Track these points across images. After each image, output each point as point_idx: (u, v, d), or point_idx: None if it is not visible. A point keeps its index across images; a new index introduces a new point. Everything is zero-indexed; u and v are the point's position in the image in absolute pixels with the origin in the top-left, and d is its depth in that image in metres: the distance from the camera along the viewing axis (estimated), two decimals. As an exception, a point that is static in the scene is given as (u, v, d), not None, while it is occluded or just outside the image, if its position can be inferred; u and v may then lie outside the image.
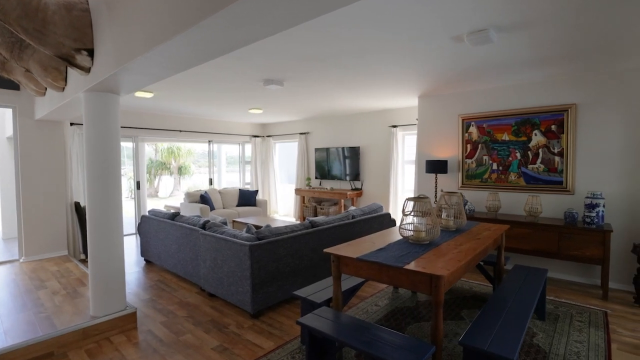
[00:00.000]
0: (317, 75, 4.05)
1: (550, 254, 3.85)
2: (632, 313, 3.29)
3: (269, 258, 3.29)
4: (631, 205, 3.77)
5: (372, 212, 4.95)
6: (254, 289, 3.15)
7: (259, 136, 9.04)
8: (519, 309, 2.30)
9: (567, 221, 3.86)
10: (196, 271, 3.93)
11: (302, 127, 8.28)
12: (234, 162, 9.83)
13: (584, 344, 2.71)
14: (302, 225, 3.86)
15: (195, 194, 7.17)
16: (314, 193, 7.48)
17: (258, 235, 3.36)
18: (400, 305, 3.45)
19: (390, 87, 4.73)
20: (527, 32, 2.73)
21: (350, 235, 4.32)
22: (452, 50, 3.16)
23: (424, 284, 2.01)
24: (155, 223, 4.68)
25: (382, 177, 6.89)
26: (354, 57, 3.36)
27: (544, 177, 4.29)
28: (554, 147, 4.21)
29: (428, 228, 2.62)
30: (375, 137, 6.96)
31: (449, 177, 5.12)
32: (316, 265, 3.81)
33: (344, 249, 2.48)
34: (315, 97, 5.40)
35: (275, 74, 3.98)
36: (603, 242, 3.54)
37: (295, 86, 4.63)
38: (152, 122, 7.02)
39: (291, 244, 3.53)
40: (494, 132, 4.68)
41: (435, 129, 5.23)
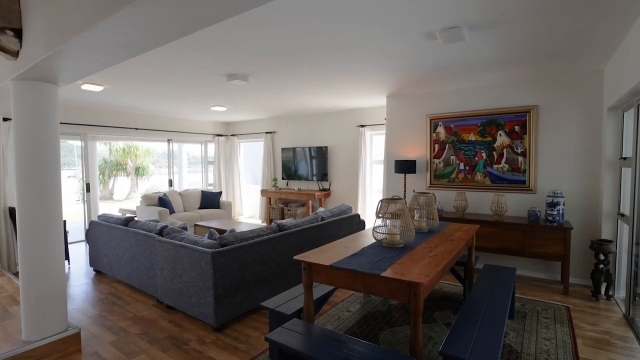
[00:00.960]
0: (284, 71, 3.85)
1: (515, 251, 3.92)
2: (591, 307, 3.41)
3: (234, 266, 3.05)
4: (587, 203, 3.93)
5: (341, 214, 4.82)
6: (217, 299, 2.90)
7: (222, 135, 8.66)
8: (494, 313, 2.25)
9: (530, 220, 3.95)
10: (153, 282, 3.59)
11: (268, 126, 8.02)
12: (196, 163, 9.35)
13: (552, 341, 2.74)
14: (268, 229, 3.64)
15: (153, 197, 6.69)
16: (280, 194, 7.26)
17: (221, 242, 3.11)
18: (372, 310, 3.34)
19: (359, 86, 4.63)
20: (497, 31, 2.71)
21: (320, 238, 4.16)
22: (424, 48, 3.10)
23: (401, 292, 1.88)
24: (106, 229, 4.25)
25: (350, 177, 6.81)
26: (324, 52, 3.21)
27: (509, 177, 4.39)
28: (517, 147, 4.31)
29: (402, 230, 2.52)
30: (343, 137, 6.87)
31: (417, 177, 5.12)
32: (285, 271, 3.61)
33: (316, 256, 2.31)
34: (283, 94, 5.19)
35: (239, 68, 3.73)
36: (564, 240, 3.65)
37: (261, 82, 4.39)
38: (104, 118, 6.45)
39: (257, 250, 3.30)
40: (460, 133, 4.73)
41: (404, 129, 5.21)
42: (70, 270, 4.63)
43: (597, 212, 3.85)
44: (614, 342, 2.77)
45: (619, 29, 2.71)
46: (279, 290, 3.55)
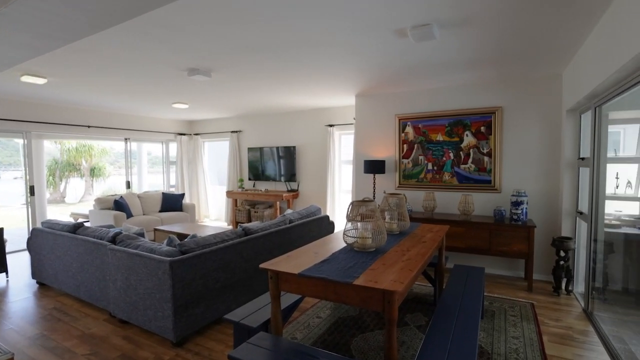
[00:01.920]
0: (250, 67, 3.65)
1: (482, 250, 3.98)
2: (553, 302, 3.52)
3: (195, 274, 2.82)
4: (548, 202, 4.07)
5: (310, 215, 4.69)
6: (176, 312, 2.66)
7: (185, 134, 8.24)
8: (467, 316, 2.21)
9: (496, 219, 4.02)
10: (104, 294, 3.26)
11: (234, 125, 7.73)
12: (157, 163, 8.84)
13: (520, 340, 2.76)
14: (233, 233, 3.43)
15: (107, 200, 6.20)
16: (247, 195, 7.00)
17: (181, 249, 2.87)
18: (343, 315, 3.23)
19: (328, 84, 4.52)
20: (467, 31, 2.69)
21: (288, 241, 4.00)
22: (394, 46, 3.03)
23: (375, 301, 1.78)
24: (50, 237, 3.83)
25: (319, 178, 6.69)
26: (293, 48, 3.06)
27: (475, 177, 4.46)
28: (483, 147, 4.39)
29: (374, 234, 2.42)
30: (311, 137, 6.74)
31: (386, 177, 5.09)
32: (251, 278, 3.42)
33: (284, 263, 2.15)
34: (249, 92, 4.97)
35: (201, 62, 3.49)
36: (528, 238, 3.75)
37: (226, 79, 4.16)
38: (52, 115, 5.89)
39: (221, 256, 3.09)
40: (429, 133, 4.75)
41: (373, 129, 5.17)
42: (8, 284, 4.14)
43: (558, 210, 3.99)
44: (577, 337, 2.85)
45: (578, 36, 2.80)
46: (246, 298, 3.36)
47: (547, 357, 2.52)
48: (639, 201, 4.13)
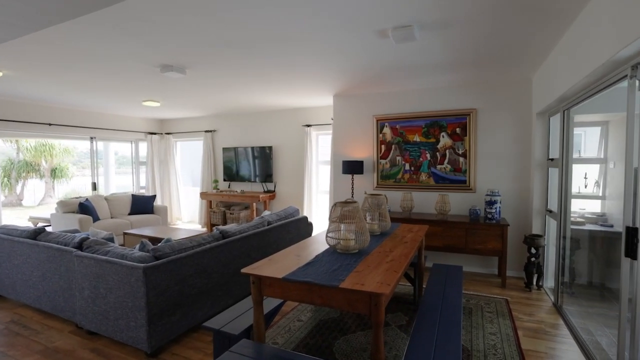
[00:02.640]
0: (227, 64, 3.54)
1: (459, 249, 4.07)
2: (526, 298, 3.65)
3: (171, 280, 2.69)
4: (520, 201, 4.22)
5: (288, 217, 4.62)
6: (150, 321, 2.52)
7: (156, 133, 7.92)
8: (449, 315, 2.24)
9: (471, 218, 4.13)
10: (70, 304, 3.05)
11: (208, 124, 7.51)
12: (125, 163, 8.44)
13: (497, 336, 2.84)
14: (210, 236, 3.31)
15: (71, 203, 5.84)
16: (222, 197, 6.82)
17: (155, 254, 2.72)
18: (324, 318, 3.19)
19: (306, 84, 4.47)
20: (447, 33, 2.73)
21: (267, 244, 3.92)
22: (375, 46, 3.03)
23: (362, 304, 1.75)
24: (7, 244, 3.54)
25: (296, 178, 6.63)
26: (271, 45, 2.98)
27: (451, 177, 4.56)
28: (458, 148, 4.50)
29: (357, 235, 2.40)
30: (288, 137, 6.67)
31: (364, 178, 5.11)
32: (229, 282, 3.32)
33: (266, 267, 2.09)
34: (224, 90, 4.83)
35: (176, 58, 3.34)
36: (502, 236, 3.87)
37: (201, 76, 4.01)
38: (6, 111, 5.47)
39: (198, 261, 2.97)
40: (406, 134, 4.81)
41: (351, 129, 5.18)
42: (-42, 296, 3.79)
43: (528, 209, 4.15)
44: (548, 330, 2.97)
45: (549, 42, 2.91)
46: (224, 303, 3.25)
47: (523, 352, 2.60)
48: (600, 200, 4.38)
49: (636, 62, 1.90)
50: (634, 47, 1.75)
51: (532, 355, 2.58)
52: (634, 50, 1.78)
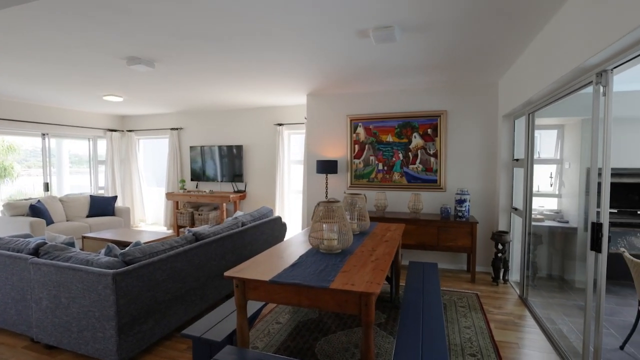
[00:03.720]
0: (200, 58, 3.39)
1: (431, 246, 4.19)
2: (494, 292, 3.83)
3: (143, 286, 2.52)
4: (488, 199, 4.43)
5: (262, 217, 4.53)
6: (121, 331, 2.35)
7: (117, 130, 7.46)
8: (432, 313, 2.29)
9: (442, 216, 4.27)
10: (24, 317, 2.77)
11: (174, 121, 7.19)
12: (80, 162, 7.87)
13: (472, 329, 2.95)
14: (183, 239, 3.16)
15: (20, 205, 5.34)
16: (190, 197, 6.56)
17: (125, 258, 2.55)
18: (303, 319, 3.15)
19: (280, 82, 4.40)
20: (425, 35, 2.79)
21: (242, 245, 3.81)
22: (354, 46, 3.03)
23: (351, 304, 1.74)
24: (-54, 252, 3.15)
25: (267, 178, 6.52)
26: (249, 40, 2.89)
27: (422, 177, 4.69)
28: (429, 149, 4.64)
29: (340, 235, 2.39)
30: (259, 136, 6.54)
31: (338, 178, 5.12)
32: (203, 286, 3.18)
33: (250, 270, 2.01)
34: (194, 86, 4.64)
35: (145, 50, 3.14)
36: (471, 233, 4.04)
37: (171, 70, 3.82)
38: (-58, 104, 4.89)
39: (171, 265, 2.81)
40: (379, 134, 4.88)
41: (324, 129, 5.17)
42: None
43: (495, 207, 4.37)
44: (517, 321, 3.13)
45: (518, 47, 3.07)
46: (198, 307, 3.11)
47: (497, 343, 2.72)
48: (557, 197, 4.69)
49: (601, 69, 2.04)
50: (602, 55, 1.88)
51: (504, 346, 2.70)
52: (601, 58, 1.92)
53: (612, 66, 1.97)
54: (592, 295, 2.20)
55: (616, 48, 1.78)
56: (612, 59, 1.91)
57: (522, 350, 2.63)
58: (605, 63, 1.98)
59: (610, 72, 2.01)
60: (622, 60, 1.88)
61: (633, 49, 1.76)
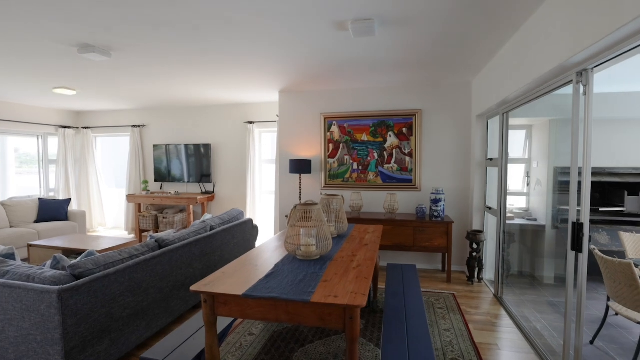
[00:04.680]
0: (163, 48, 3.10)
1: (407, 247, 4.13)
2: (469, 291, 3.83)
3: (96, 303, 2.23)
4: (462, 199, 4.44)
5: (232, 220, 4.28)
6: (69, 356, 2.05)
7: (70, 127, 6.86)
8: (415, 319, 2.18)
9: (418, 216, 4.23)
10: (-49, 342, 2.38)
11: (136, 118, 6.72)
12: (27, 162, 7.17)
13: (452, 332, 2.89)
14: (144, 246, 2.87)
15: (-46, 210, 4.73)
16: (153, 199, 6.14)
17: (74, 271, 2.24)
18: (278, 329, 2.96)
19: (250, 77, 4.17)
20: (404, 30, 2.69)
21: (211, 250, 3.55)
22: (330, 39, 2.88)
23: (335, 317, 1.58)
24: None
25: (237, 179, 6.24)
26: (217, 29, 2.66)
27: (398, 176, 4.63)
28: (405, 148, 4.58)
29: (318, 240, 2.23)
30: (229, 134, 6.24)
31: (312, 177, 4.96)
32: (168, 297, 2.91)
33: (220, 283, 1.80)
34: (157, 79, 4.29)
35: (100, 37, 2.82)
36: (447, 232, 4.02)
37: (130, 61, 3.49)
38: None
39: (130, 276, 2.53)
40: (354, 132, 4.77)
41: (298, 127, 4.99)
42: None
43: (469, 206, 4.38)
44: (494, 321, 3.12)
45: (492, 49, 3.05)
46: (162, 322, 2.83)
47: (477, 346, 2.67)
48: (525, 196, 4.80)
49: (582, 68, 2.01)
50: (586, 53, 1.85)
51: (484, 348, 2.66)
52: (585, 56, 1.88)
53: (593, 65, 1.95)
54: (573, 295, 2.18)
55: (601, 46, 1.74)
56: (594, 58, 1.88)
57: (502, 352, 2.60)
58: (587, 62, 1.95)
59: (591, 71, 1.99)
60: (604, 59, 1.85)
61: (616, 47, 1.73)
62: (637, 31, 1.56)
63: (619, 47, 1.71)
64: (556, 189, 4.12)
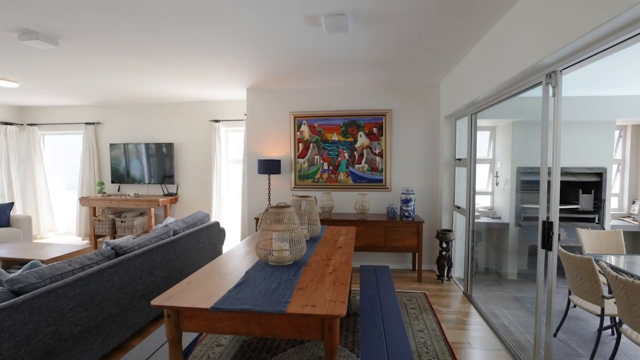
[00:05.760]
0: (120, 37, 2.85)
1: (379, 247, 4.12)
2: (440, 290, 3.88)
3: (41, 321, 1.98)
4: (431, 198, 4.50)
5: (198, 224, 4.05)
6: (6, 383, 1.79)
7: (12, 124, 6.23)
8: (392, 322, 2.13)
9: (389, 216, 4.23)
10: None
11: (90, 115, 6.23)
12: (-36, 162, 6.43)
13: (425, 332, 2.89)
14: (99, 254, 2.61)
15: None
16: (110, 202, 5.72)
17: (13, 287, 1.97)
18: (247, 339, 2.81)
19: (217, 72, 3.97)
20: (377, 27, 2.64)
21: (175, 257, 3.33)
22: (302, 34, 2.77)
23: (313, 328, 1.48)
24: None
25: (202, 180, 5.96)
26: (181, 18, 2.47)
27: (368, 176, 4.61)
28: (375, 148, 4.57)
29: (292, 245, 2.12)
30: (193, 133, 5.95)
31: (281, 178, 4.83)
32: (126, 310, 2.67)
33: (185, 295, 1.64)
34: (114, 72, 3.97)
35: (45, 21, 2.52)
36: (417, 232, 4.04)
37: (82, 50, 3.18)
38: None
39: (82, 289, 2.28)
40: (324, 132, 4.70)
41: (266, 126, 4.83)
42: None
43: (438, 205, 4.45)
44: (465, 319, 3.16)
45: (462, 49, 3.09)
46: (119, 337, 2.59)
47: (451, 345, 2.68)
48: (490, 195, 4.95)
49: (551, 70, 2.06)
50: (555, 56, 1.88)
51: (458, 347, 2.67)
52: (554, 58, 1.92)
53: (562, 67, 1.99)
54: (544, 291, 2.23)
55: (570, 49, 1.77)
56: (564, 60, 1.92)
57: (475, 351, 2.62)
58: (556, 64, 1.99)
59: (560, 73, 2.03)
60: (573, 61, 1.89)
61: (584, 50, 1.77)
62: (605, 35, 1.60)
63: (587, 50, 1.75)
64: (519, 188, 4.28)
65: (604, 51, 1.71)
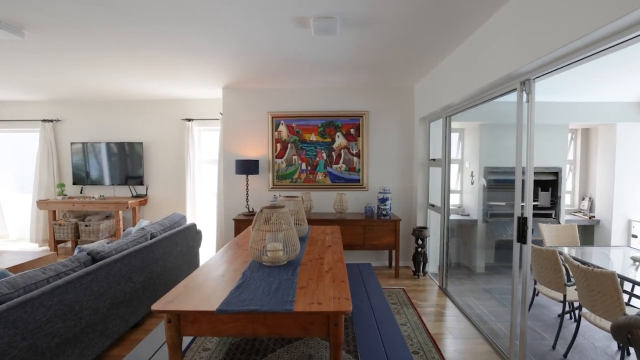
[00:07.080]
0: (91, 30, 2.70)
1: (358, 246, 4.21)
2: (417, 285, 4.04)
3: (15, 335, 1.84)
4: (407, 197, 4.67)
5: (175, 226, 3.93)
6: (-20, 403, 1.66)
7: (-44, 120, 5.66)
8: (384, 318, 2.21)
9: (367, 215, 4.34)
10: None
11: (48, 111, 5.80)
12: None
13: (408, 325, 3.00)
14: (74, 261, 2.47)
15: None
16: (73, 205, 5.36)
17: (-15, 299, 1.82)
18: (234, 340, 2.78)
19: (191, 70, 3.86)
20: (365, 31, 2.71)
21: (153, 261, 3.20)
22: (287, 35, 2.78)
23: (319, 326, 1.51)
24: None
25: (175, 180, 5.76)
26: (159, 13, 2.39)
27: (346, 176, 4.70)
28: (352, 148, 4.67)
29: (286, 245, 2.13)
30: (164, 132, 5.73)
31: (259, 178, 4.79)
32: (106, 318, 2.54)
33: (187, 299, 1.61)
34: (78, 66, 3.74)
35: (9, 9, 2.33)
36: (395, 230, 4.19)
37: (48, 43, 2.97)
38: None
39: (60, 298, 2.14)
40: (302, 132, 4.72)
41: (243, 126, 4.77)
42: None
43: (413, 204, 4.63)
44: (443, 312, 3.32)
45: (439, 55, 3.25)
46: (98, 347, 2.46)
47: (433, 337, 2.82)
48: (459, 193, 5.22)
49: (525, 78, 2.23)
50: (531, 66, 2.05)
51: (439, 337, 2.82)
52: (530, 68, 2.09)
53: (535, 76, 2.17)
54: (519, 281, 2.41)
55: (545, 60, 1.94)
56: (538, 69, 2.10)
57: (456, 340, 2.78)
58: (531, 73, 2.17)
59: (533, 81, 2.21)
60: (545, 71, 2.07)
61: (556, 62, 1.94)
62: (577, 49, 1.77)
63: (558, 62, 1.93)
64: (486, 186, 4.56)
65: (572, 64, 1.90)
